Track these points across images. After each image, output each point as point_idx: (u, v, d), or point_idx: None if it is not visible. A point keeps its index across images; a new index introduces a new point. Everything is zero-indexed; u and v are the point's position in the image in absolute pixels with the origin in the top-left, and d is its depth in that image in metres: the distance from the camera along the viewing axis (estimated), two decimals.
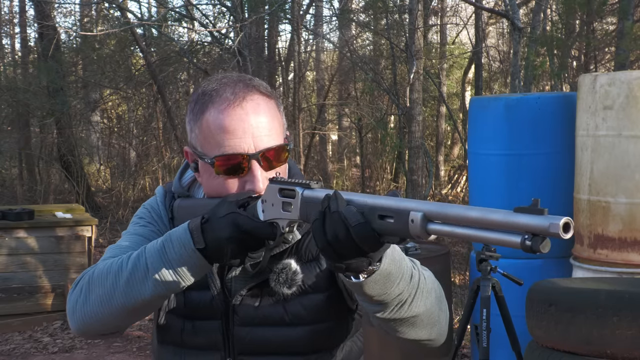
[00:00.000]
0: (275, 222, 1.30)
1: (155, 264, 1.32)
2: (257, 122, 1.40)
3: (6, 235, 5.98)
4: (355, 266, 1.15)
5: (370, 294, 1.23)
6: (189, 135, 1.47)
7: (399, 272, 1.24)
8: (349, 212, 1.10)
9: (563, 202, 4.02)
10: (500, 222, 0.95)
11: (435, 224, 1.03)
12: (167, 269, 1.32)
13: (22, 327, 5.89)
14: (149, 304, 1.37)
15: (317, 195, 1.22)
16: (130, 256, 1.37)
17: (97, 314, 1.38)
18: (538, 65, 7.35)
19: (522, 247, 0.92)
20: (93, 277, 1.39)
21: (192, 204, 1.49)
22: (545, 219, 0.91)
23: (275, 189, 1.30)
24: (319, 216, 1.14)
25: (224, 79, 1.44)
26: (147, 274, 1.33)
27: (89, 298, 1.38)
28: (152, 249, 1.35)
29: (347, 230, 1.10)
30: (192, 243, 1.30)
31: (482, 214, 0.97)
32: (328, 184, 11.92)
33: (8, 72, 12.15)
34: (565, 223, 0.90)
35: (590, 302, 2.84)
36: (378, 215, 1.09)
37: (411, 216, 1.04)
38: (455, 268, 6.98)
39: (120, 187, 11.43)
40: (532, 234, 0.92)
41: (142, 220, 1.53)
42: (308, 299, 1.45)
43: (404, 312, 1.29)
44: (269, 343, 1.46)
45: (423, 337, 1.39)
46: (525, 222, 0.92)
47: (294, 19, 9.81)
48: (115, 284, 1.35)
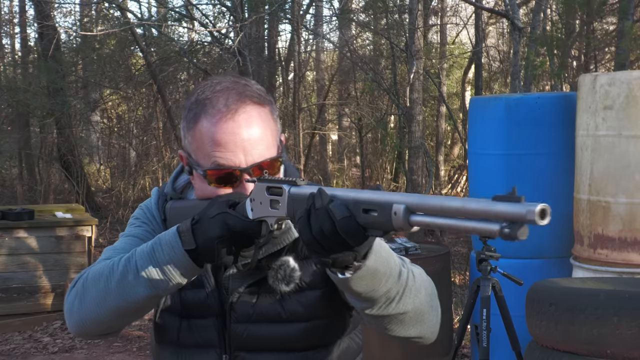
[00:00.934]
0: (264, 219, 1.31)
1: (144, 266, 1.34)
2: (249, 134, 1.41)
3: (6, 235, 5.98)
4: (341, 260, 1.17)
5: (357, 291, 1.24)
6: (183, 141, 1.49)
7: (386, 269, 1.25)
8: (335, 207, 1.11)
9: (563, 202, 4.02)
10: (479, 210, 0.96)
11: (417, 215, 1.04)
12: (156, 271, 1.33)
13: (22, 327, 5.89)
14: (142, 305, 1.38)
15: (303, 192, 1.23)
16: (122, 258, 1.39)
17: (93, 315, 1.40)
18: (538, 65, 7.36)
19: (500, 234, 0.94)
20: (88, 279, 1.42)
21: (184, 206, 1.51)
22: (522, 206, 0.92)
23: (262, 187, 1.32)
24: (304, 213, 1.15)
25: (218, 85, 1.45)
26: (137, 275, 1.34)
27: (83, 300, 1.40)
28: (142, 251, 1.36)
29: (332, 225, 1.11)
30: (181, 245, 1.32)
31: (462, 203, 0.99)
32: (328, 183, 11.92)
33: (8, 72, 12.15)
34: (542, 209, 0.91)
35: (590, 302, 2.83)
36: (362, 209, 1.10)
37: (394, 209, 1.05)
38: (455, 268, 6.98)
39: (120, 187, 11.43)
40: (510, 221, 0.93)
41: (137, 221, 1.55)
42: (305, 295, 1.47)
43: (391, 309, 1.31)
44: (265, 340, 1.47)
45: (412, 335, 1.39)
46: (503, 210, 0.94)
47: (294, 19, 9.81)
48: (107, 286, 1.37)
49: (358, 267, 1.20)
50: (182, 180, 1.59)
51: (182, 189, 1.57)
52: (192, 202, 1.50)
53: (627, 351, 2.75)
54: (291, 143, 10.45)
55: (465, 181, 11.14)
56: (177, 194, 1.56)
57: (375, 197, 1.09)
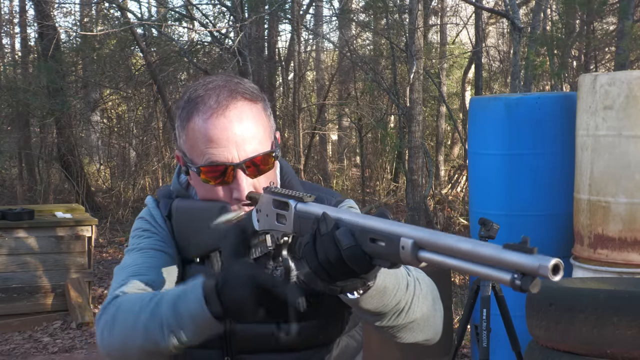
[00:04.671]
0: (271, 232, 1.29)
1: (170, 321, 1.29)
2: (241, 130, 1.40)
3: (6, 235, 5.98)
4: (350, 288, 1.15)
5: (367, 308, 1.24)
6: (178, 140, 1.48)
7: (395, 284, 1.25)
8: (340, 234, 1.09)
9: (563, 202, 4.02)
10: (489, 257, 0.93)
11: (426, 252, 1.01)
12: (182, 329, 1.28)
13: (22, 327, 5.89)
14: (167, 351, 1.33)
15: (310, 211, 1.20)
16: (151, 301, 1.34)
17: (121, 347, 1.38)
18: (538, 65, 7.36)
19: (511, 285, 0.91)
20: (120, 309, 1.38)
21: (190, 205, 1.50)
22: (534, 259, 0.88)
23: (269, 200, 1.29)
24: (309, 239, 1.13)
25: (210, 84, 1.44)
26: (162, 327, 1.30)
27: (113, 330, 1.38)
28: (168, 304, 1.31)
29: (338, 253, 1.09)
30: (208, 309, 1.25)
31: (472, 247, 0.95)
32: (328, 183, 11.92)
33: (8, 72, 12.14)
34: (555, 265, 0.88)
35: (590, 302, 2.83)
36: (369, 238, 1.07)
37: (402, 242, 1.02)
38: None
39: (120, 187, 11.43)
40: (521, 273, 0.90)
41: (145, 232, 1.53)
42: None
43: (401, 320, 1.31)
44: (266, 340, 1.46)
45: (420, 339, 1.40)
46: (514, 261, 0.90)
47: (294, 19, 9.81)
48: (135, 326, 1.33)
49: (367, 288, 1.19)
50: (184, 176, 1.58)
51: (187, 184, 1.56)
52: (197, 203, 1.49)
53: (627, 351, 2.75)
54: (291, 143, 10.45)
55: (465, 181, 11.13)
56: (183, 189, 1.55)
57: (383, 227, 1.06)
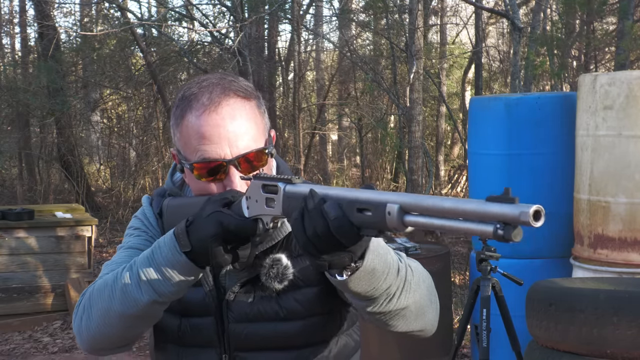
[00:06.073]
0: (259, 218, 1.31)
1: (145, 271, 1.34)
2: (233, 127, 1.41)
3: (6, 235, 5.98)
4: (337, 262, 1.16)
5: (357, 291, 1.24)
6: (173, 138, 1.49)
7: (384, 267, 1.25)
8: (328, 207, 1.11)
9: (563, 202, 4.02)
10: (473, 211, 0.95)
11: (411, 215, 1.03)
12: (156, 274, 1.33)
13: (22, 327, 5.89)
14: (146, 311, 1.37)
15: (299, 191, 1.22)
16: (124, 267, 1.39)
17: (101, 328, 1.39)
18: (538, 65, 7.36)
19: (494, 236, 0.93)
20: (93, 293, 1.42)
21: (180, 203, 1.51)
22: (515, 208, 0.91)
23: (258, 185, 1.31)
24: (297, 215, 1.15)
25: (205, 81, 1.46)
26: (138, 280, 1.34)
27: (91, 314, 1.40)
28: (143, 257, 1.36)
29: (326, 225, 1.10)
30: (178, 247, 1.31)
31: (455, 203, 0.98)
32: (328, 183, 11.92)
33: (8, 72, 12.14)
34: (536, 211, 0.90)
35: (590, 302, 2.83)
36: (356, 208, 1.09)
37: (388, 208, 1.04)
38: (455, 268, 6.98)
39: (120, 187, 11.43)
40: (503, 222, 0.92)
41: (136, 231, 1.55)
42: (301, 293, 1.47)
43: (392, 305, 1.31)
44: (264, 338, 1.47)
45: (414, 329, 1.40)
46: (497, 211, 0.92)
47: (294, 19, 9.81)
48: (112, 295, 1.37)
49: (355, 268, 1.19)
50: (178, 175, 1.59)
51: (181, 183, 1.57)
52: (188, 200, 1.50)
53: (627, 351, 2.75)
54: (291, 143, 10.45)
55: (465, 181, 11.14)
56: (176, 188, 1.56)
57: (369, 196, 1.08)
